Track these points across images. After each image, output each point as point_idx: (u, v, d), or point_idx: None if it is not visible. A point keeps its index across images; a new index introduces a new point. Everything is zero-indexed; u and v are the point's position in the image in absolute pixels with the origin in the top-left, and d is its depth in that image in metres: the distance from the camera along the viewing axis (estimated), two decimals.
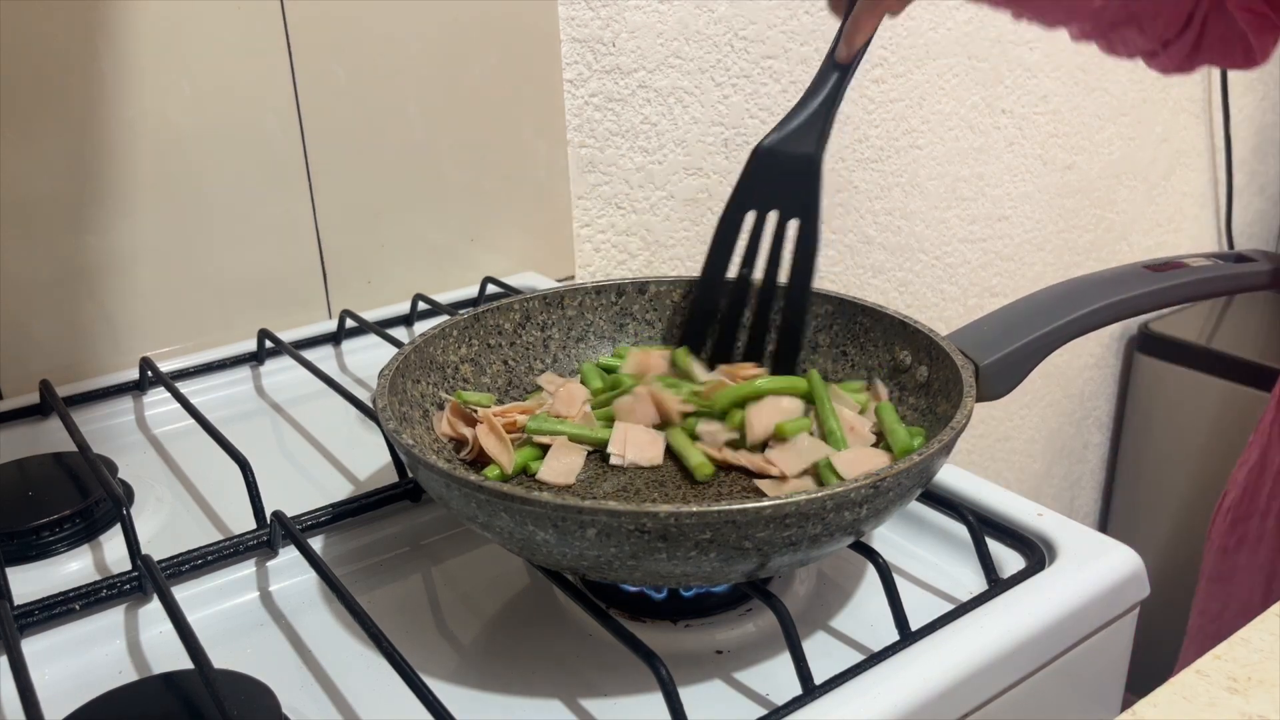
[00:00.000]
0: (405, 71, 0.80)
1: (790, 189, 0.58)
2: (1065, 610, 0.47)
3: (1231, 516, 0.78)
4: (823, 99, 0.58)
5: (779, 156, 0.58)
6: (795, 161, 0.57)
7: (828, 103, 0.58)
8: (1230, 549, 0.78)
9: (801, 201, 0.58)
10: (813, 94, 0.58)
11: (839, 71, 0.58)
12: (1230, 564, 0.78)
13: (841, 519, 0.42)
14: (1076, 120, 1.39)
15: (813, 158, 0.57)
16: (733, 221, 0.59)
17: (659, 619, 0.48)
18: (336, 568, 0.52)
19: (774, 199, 0.58)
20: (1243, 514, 0.77)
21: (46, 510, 0.54)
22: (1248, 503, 0.76)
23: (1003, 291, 1.40)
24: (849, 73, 0.58)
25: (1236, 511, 0.77)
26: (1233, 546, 0.77)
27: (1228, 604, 0.78)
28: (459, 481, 0.42)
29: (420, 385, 0.55)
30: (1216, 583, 0.79)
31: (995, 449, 1.49)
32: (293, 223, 0.78)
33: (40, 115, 0.67)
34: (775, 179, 0.58)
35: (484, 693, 0.45)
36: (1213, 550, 0.80)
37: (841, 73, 0.58)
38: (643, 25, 0.95)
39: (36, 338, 0.70)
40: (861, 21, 0.57)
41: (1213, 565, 0.80)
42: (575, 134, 0.93)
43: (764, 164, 0.58)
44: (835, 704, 0.42)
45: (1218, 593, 0.79)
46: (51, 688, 0.45)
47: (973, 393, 0.49)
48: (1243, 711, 0.34)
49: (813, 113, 0.58)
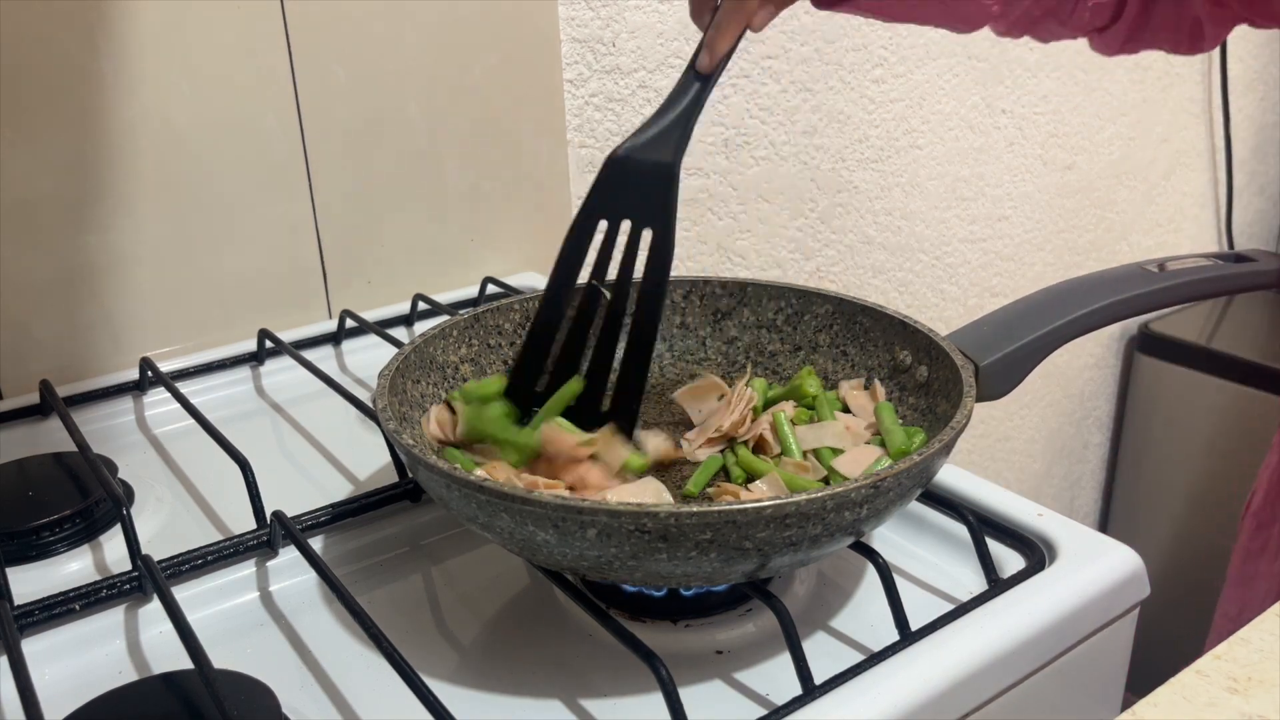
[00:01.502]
0: (405, 71, 0.80)
1: (645, 197, 0.56)
2: (1065, 610, 0.48)
3: (1256, 521, 0.77)
4: (683, 108, 0.56)
5: (634, 164, 0.56)
6: (651, 169, 0.55)
7: (687, 112, 0.56)
8: (1254, 553, 0.77)
9: (656, 210, 0.56)
10: (672, 103, 0.56)
11: (700, 81, 0.56)
12: (1253, 568, 0.77)
13: (841, 519, 0.42)
14: (1076, 120, 1.39)
15: (669, 165, 0.55)
16: (583, 230, 0.57)
17: (659, 619, 0.48)
18: (336, 568, 0.52)
19: (628, 208, 0.56)
20: (1265, 520, 0.77)
21: (46, 510, 0.54)
22: (1269, 509, 0.76)
23: (1003, 291, 1.40)
24: (710, 82, 0.56)
25: (1260, 516, 0.77)
26: (1256, 551, 0.77)
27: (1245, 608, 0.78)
28: (459, 482, 0.42)
29: (420, 385, 0.55)
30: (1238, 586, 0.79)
31: (995, 449, 1.49)
32: (293, 223, 0.78)
33: (40, 115, 0.67)
34: (630, 187, 0.56)
35: (484, 693, 0.45)
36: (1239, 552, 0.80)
37: (703, 83, 0.56)
38: (643, 25, 0.95)
39: (36, 338, 0.70)
40: (724, 29, 0.55)
41: (1237, 568, 0.79)
42: (575, 134, 0.93)
43: (618, 172, 0.56)
44: (835, 704, 0.42)
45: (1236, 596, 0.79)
46: (51, 688, 0.45)
47: (973, 393, 0.49)
48: (1243, 711, 0.34)
49: (671, 121, 0.56)
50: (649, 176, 0.56)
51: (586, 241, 0.57)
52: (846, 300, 0.60)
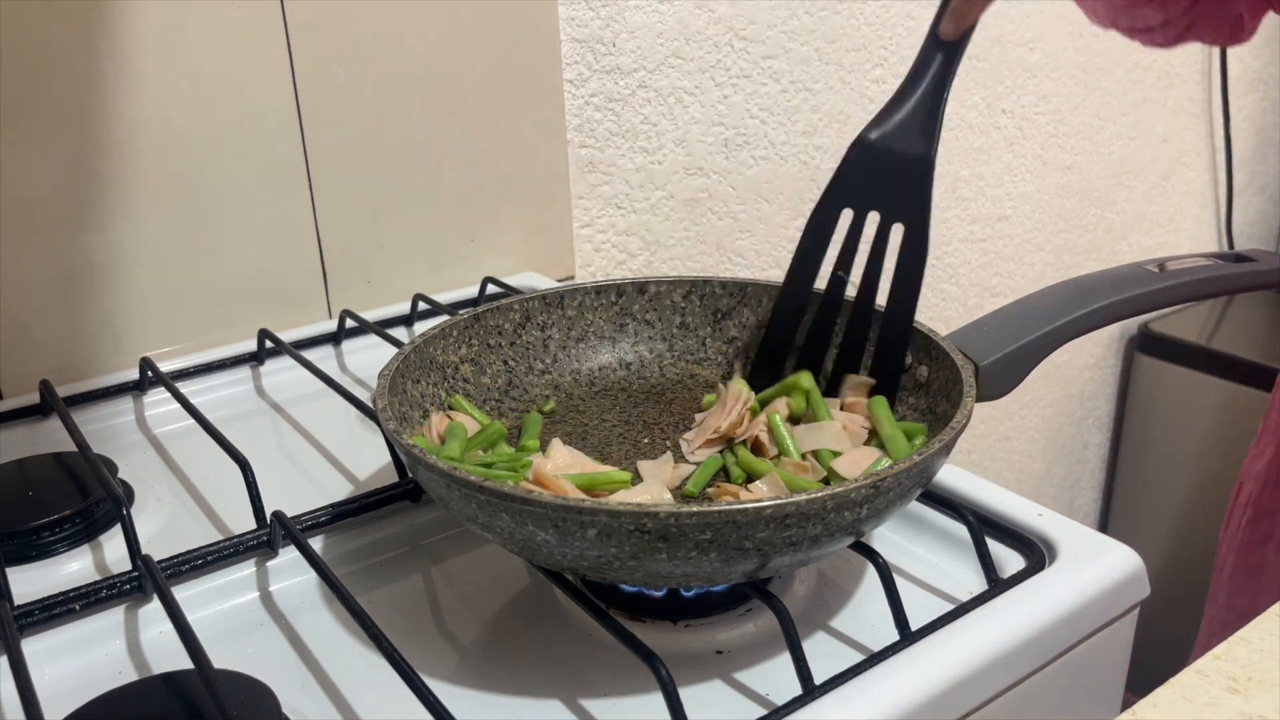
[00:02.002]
0: (405, 71, 0.80)
1: (896, 190, 0.52)
2: (1065, 610, 0.47)
3: (1253, 511, 0.77)
4: (928, 84, 0.52)
5: (883, 153, 0.52)
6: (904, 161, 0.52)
7: (935, 89, 0.52)
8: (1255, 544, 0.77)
9: (909, 205, 0.52)
10: (916, 78, 0.52)
11: (945, 51, 0.52)
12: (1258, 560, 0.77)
13: (841, 519, 0.42)
14: (1076, 120, 1.39)
15: (925, 157, 0.52)
16: (827, 218, 0.54)
17: (659, 619, 0.48)
18: (336, 568, 0.52)
19: (876, 199, 0.53)
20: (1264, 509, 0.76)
21: (46, 510, 0.54)
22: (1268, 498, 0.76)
23: (1003, 291, 1.40)
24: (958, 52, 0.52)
25: (1258, 507, 0.77)
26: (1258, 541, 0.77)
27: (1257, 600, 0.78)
28: (459, 482, 0.42)
29: (420, 385, 0.55)
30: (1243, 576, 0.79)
31: (995, 449, 1.49)
32: (293, 223, 0.78)
33: (40, 115, 0.67)
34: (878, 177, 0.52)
35: (484, 693, 0.45)
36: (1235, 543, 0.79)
37: (949, 53, 0.52)
38: (643, 25, 0.95)
39: (36, 338, 0.70)
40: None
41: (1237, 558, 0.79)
42: (575, 134, 0.93)
43: (866, 159, 0.52)
44: (835, 704, 0.42)
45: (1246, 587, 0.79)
46: (51, 688, 0.45)
47: (973, 393, 0.49)
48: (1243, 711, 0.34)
49: (918, 101, 0.52)
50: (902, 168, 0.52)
51: (829, 229, 0.54)
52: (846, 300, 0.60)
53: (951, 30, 0.52)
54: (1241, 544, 0.79)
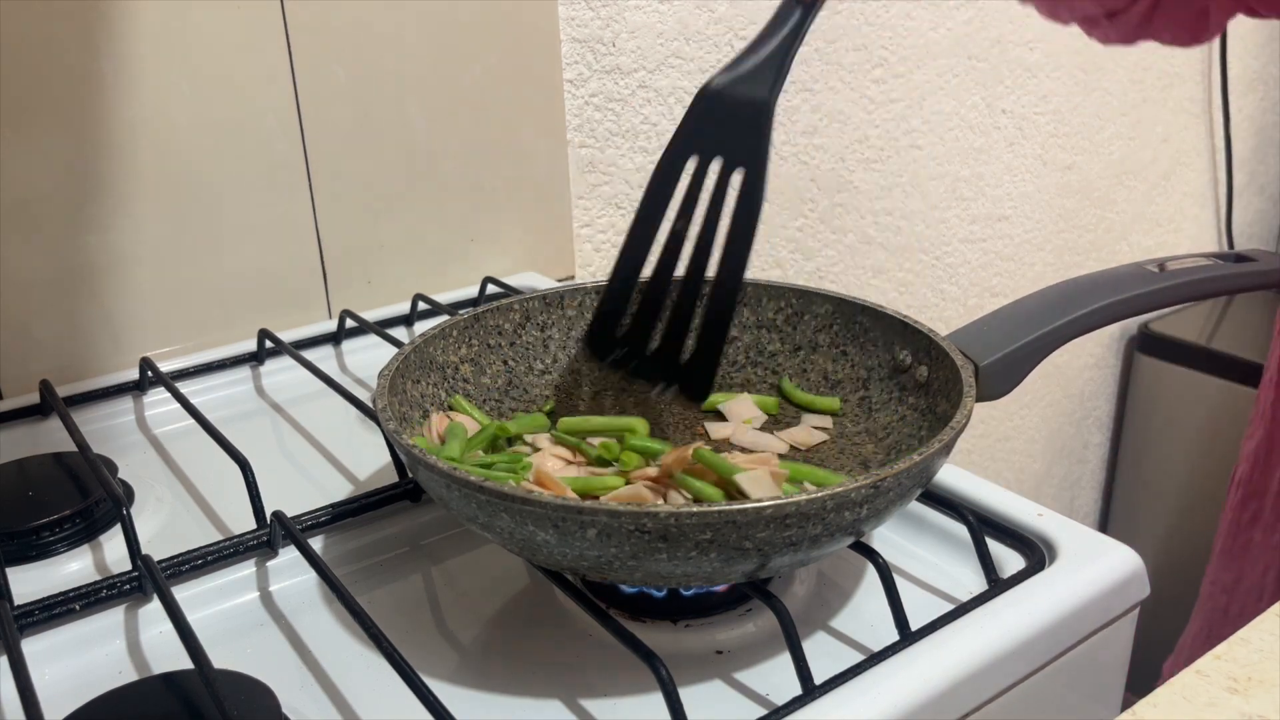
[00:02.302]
0: (405, 71, 0.80)
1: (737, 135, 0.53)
2: (1065, 610, 0.47)
3: (1243, 491, 0.77)
4: (781, 39, 0.52)
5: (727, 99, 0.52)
6: (745, 105, 0.52)
7: (786, 43, 0.52)
8: (1245, 523, 0.77)
9: (748, 149, 0.52)
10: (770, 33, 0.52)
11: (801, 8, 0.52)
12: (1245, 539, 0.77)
13: (841, 519, 0.42)
14: (1076, 120, 1.39)
15: (765, 102, 0.52)
16: (671, 166, 0.54)
17: (659, 619, 0.48)
18: (336, 568, 0.52)
19: (719, 145, 0.53)
20: (1254, 490, 0.76)
21: (46, 510, 0.54)
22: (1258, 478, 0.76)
23: (1003, 291, 1.40)
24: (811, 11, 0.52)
25: (1248, 487, 0.77)
26: (1247, 521, 0.77)
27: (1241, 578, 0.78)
28: (459, 482, 0.42)
29: (420, 385, 0.55)
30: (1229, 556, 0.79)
31: (995, 449, 1.49)
32: (293, 223, 0.78)
33: (40, 115, 0.67)
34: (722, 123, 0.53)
35: (484, 693, 0.45)
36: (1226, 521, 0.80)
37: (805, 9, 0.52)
38: (643, 25, 0.95)
39: (36, 338, 0.70)
40: None
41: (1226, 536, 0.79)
42: (575, 134, 0.93)
43: (710, 106, 0.53)
44: (835, 704, 0.42)
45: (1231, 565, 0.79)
46: (51, 688, 0.45)
47: (973, 393, 0.49)
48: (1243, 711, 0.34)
49: (769, 54, 0.52)
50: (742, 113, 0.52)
51: (674, 178, 0.55)
52: (846, 300, 0.60)
53: None
54: (1231, 522, 0.79)
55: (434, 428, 0.53)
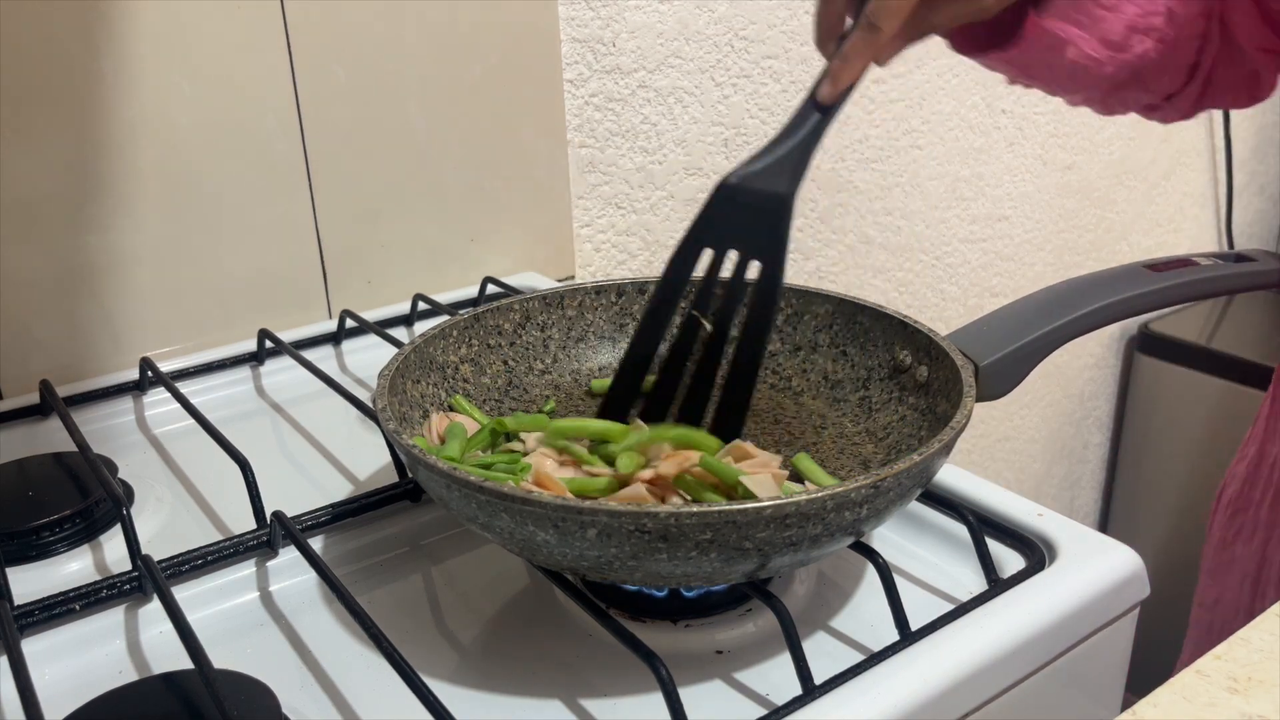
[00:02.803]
0: (405, 71, 0.80)
1: (756, 228, 0.54)
2: (1065, 610, 0.48)
3: (1230, 510, 0.78)
4: (801, 138, 0.53)
5: (745, 192, 0.53)
6: (764, 199, 0.53)
7: (805, 142, 0.53)
8: (1229, 541, 0.78)
9: (767, 242, 0.54)
10: (790, 133, 0.54)
11: (820, 113, 0.53)
12: (1228, 556, 0.78)
13: (842, 519, 0.42)
14: (1076, 120, 1.39)
15: (784, 196, 0.53)
16: (686, 256, 0.55)
17: (659, 619, 0.48)
18: (336, 568, 0.52)
19: (736, 237, 0.54)
20: (1241, 506, 0.77)
21: (46, 510, 0.54)
22: (1245, 495, 0.76)
23: (1003, 291, 1.40)
24: (831, 115, 0.54)
25: (1235, 505, 0.77)
26: (1231, 539, 0.78)
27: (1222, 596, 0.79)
28: (459, 482, 0.42)
29: (420, 385, 0.55)
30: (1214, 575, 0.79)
31: (995, 449, 1.49)
32: (293, 223, 0.78)
33: (40, 115, 0.67)
34: (740, 215, 0.54)
35: (484, 693, 0.45)
36: (1212, 544, 0.80)
37: (824, 113, 0.53)
38: (643, 25, 0.95)
39: (36, 338, 0.70)
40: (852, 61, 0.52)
41: (1212, 558, 0.80)
42: (575, 134, 0.93)
43: (728, 199, 0.54)
44: (835, 704, 0.42)
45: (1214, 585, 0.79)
46: (51, 688, 0.45)
47: (973, 393, 0.49)
48: (1243, 711, 0.34)
49: (787, 151, 0.53)
50: (761, 206, 0.53)
51: (689, 268, 0.55)
52: (846, 300, 0.60)
53: (828, 94, 0.53)
54: (1218, 541, 0.79)
55: (434, 428, 0.53)
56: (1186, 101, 0.68)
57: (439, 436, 0.53)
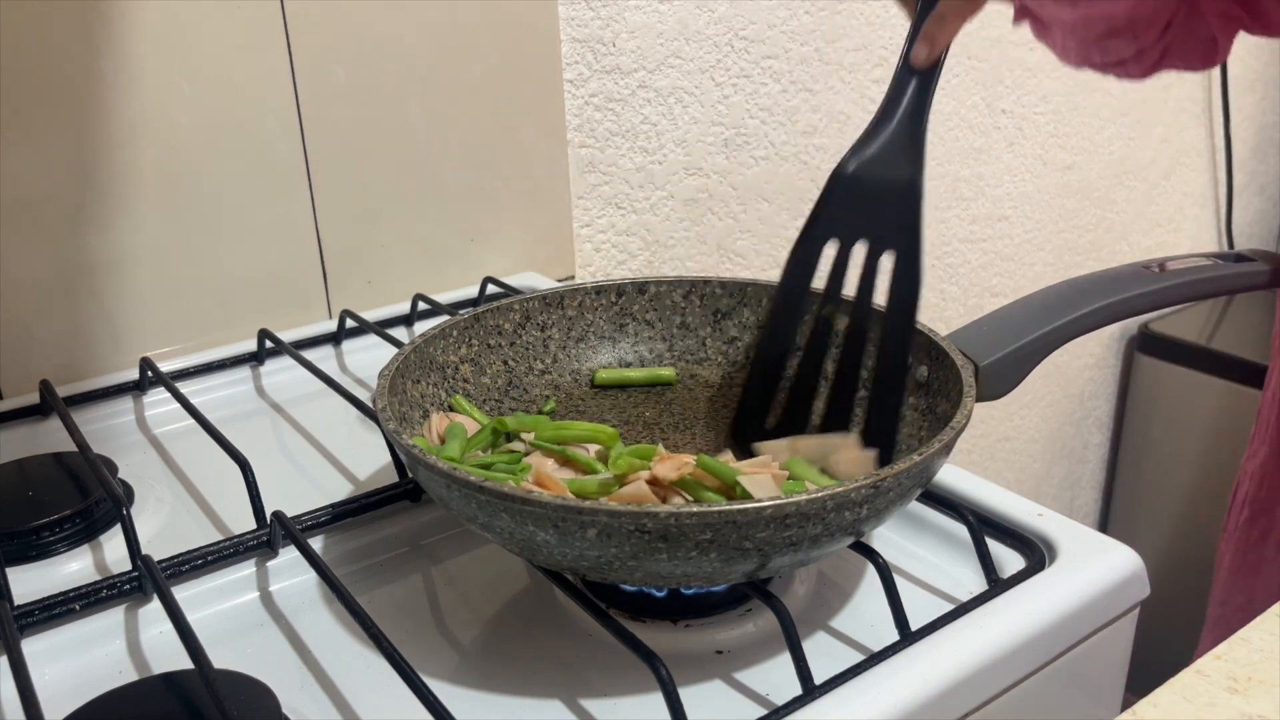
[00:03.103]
0: (405, 71, 0.80)
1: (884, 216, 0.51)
2: (1065, 610, 0.47)
3: (1249, 510, 0.78)
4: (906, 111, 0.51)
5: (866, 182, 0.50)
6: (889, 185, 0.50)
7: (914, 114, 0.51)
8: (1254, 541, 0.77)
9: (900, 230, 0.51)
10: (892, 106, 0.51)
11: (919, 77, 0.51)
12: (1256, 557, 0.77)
13: (842, 519, 0.42)
14: (1076, 120, 1.39)
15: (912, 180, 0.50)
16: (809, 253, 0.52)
17: (659, 619, 0.48)
18: (336, 568, 0.52)
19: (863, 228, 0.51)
20: (1261, 508, 0.77)
21: (46, 510, 0.54)
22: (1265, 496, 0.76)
23: (1003, 291, 1.40)
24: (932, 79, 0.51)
25: (1254, 506, 0.77)
26: (1256, 539, 0.77)
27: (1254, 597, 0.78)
28: (459, 482, 0.42)
29: (420, 385, 0.55)
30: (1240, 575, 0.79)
31: (995, 449, 1.49)
32: (293, 223, 0.78)
33: (40, 115, 0.67)
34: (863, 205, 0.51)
35: (484, 693, 0.45)
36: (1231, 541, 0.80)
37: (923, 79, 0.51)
38: (643, 25, 0.95)
39: (36, 338, 0.70)
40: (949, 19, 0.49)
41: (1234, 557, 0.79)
42: (575, 134, 0.93)
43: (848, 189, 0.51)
44: (835, 704, 0.42)
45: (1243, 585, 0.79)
46: (51, 688, 0.45)
47: (973, 393, 0.49)
48: (1243, 711, 0.34)
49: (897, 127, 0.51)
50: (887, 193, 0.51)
51: (813, 265, 0.53)
52: (846, 300, 0.60)
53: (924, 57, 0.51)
54: (1239, 542, 0.79)
55: (434, 428, 0.53)
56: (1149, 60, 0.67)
57: (439, 436, 0.53)
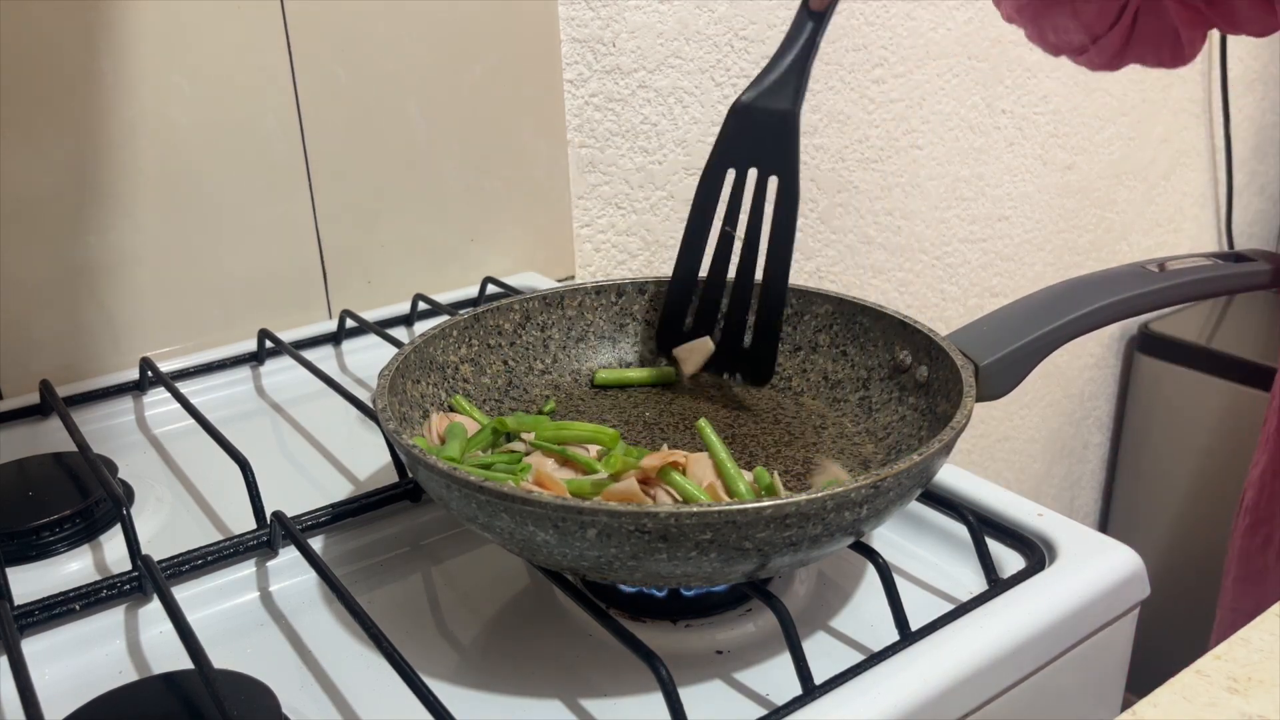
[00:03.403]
0: (405, 71, 0.80)
1: (769, 145, 0.58)
2: (1065, 610, 0.48)
3: (1251, 518, 0.78)
4: (797, 52, 0.58)
5: (756, 113, 0.58)
6: (773, 117, 0.58)
7: (802, 55, 0.58)
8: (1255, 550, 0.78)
9: (780, 157, 0.58)
10: (787, 47, 0.58)
11: (814, 20, 0.57)
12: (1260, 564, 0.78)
13: (842, 519, 0.42)
14: (1076, 120, 1.39)
15: (790, 113, 0.57)
16: (714, 180, 0.60)
17: (659, 619, 0.48)
18: (336, 568, 0.52)
19: (752, 156, 0.59)
20: (1263, 516, 0.77)
21: (46, 510, 0.54)
22: (1266, 505, 0.76)
23: (1003, 291, 1.40)
24: (824, 21, 0.57)
25: (1254, 514, 0.77)
26: (1257, 547, 0.77)
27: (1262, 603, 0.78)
28: (459, 482, 0.42)
29: (420, 385, 0.55)
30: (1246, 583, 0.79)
31: (995, 449, 1.49)
32: (293, 223, 0.78)
33: (40, 115, 0.67)
34: (753, 136, 0.58)
35: (484, 693, 0.45)
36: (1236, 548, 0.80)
37: (816, 21, 0.57)
38: (643, 25, 0.95)
39: (36, 338, 0.70)
40: None
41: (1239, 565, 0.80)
42: (575, 134, 0.93)
43: (741, 121, 0.58)
44: (835, 704, 0.42)
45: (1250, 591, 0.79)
46: (51, 688, 0.45)
47: (973, 393, 0.49)
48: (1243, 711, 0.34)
49: (788, 67, 0.58)
50: (771, 124, 0.58)
51: (717, 190, 0.60)
52: (846, 300, 0.60)
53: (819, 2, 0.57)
54: (1241, 550, 0.79)
55: (434, 428, 0.53)
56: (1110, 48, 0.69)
57: (439, 436, 0.53)
